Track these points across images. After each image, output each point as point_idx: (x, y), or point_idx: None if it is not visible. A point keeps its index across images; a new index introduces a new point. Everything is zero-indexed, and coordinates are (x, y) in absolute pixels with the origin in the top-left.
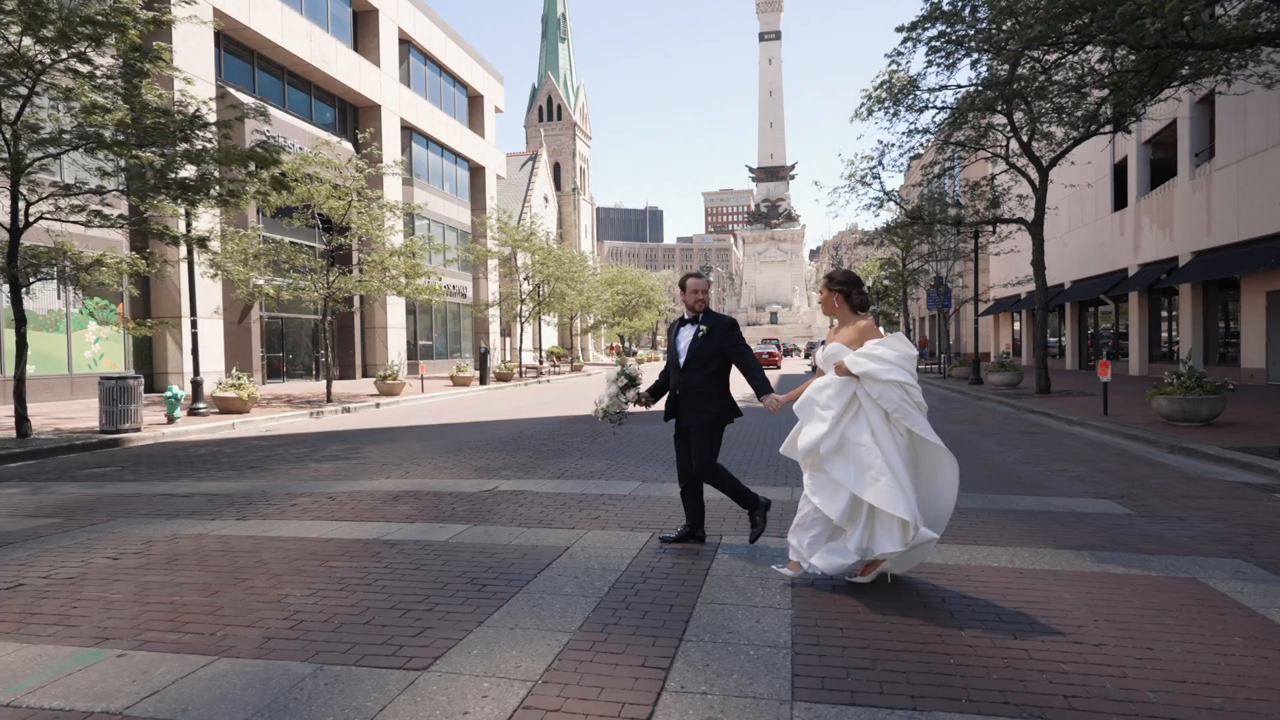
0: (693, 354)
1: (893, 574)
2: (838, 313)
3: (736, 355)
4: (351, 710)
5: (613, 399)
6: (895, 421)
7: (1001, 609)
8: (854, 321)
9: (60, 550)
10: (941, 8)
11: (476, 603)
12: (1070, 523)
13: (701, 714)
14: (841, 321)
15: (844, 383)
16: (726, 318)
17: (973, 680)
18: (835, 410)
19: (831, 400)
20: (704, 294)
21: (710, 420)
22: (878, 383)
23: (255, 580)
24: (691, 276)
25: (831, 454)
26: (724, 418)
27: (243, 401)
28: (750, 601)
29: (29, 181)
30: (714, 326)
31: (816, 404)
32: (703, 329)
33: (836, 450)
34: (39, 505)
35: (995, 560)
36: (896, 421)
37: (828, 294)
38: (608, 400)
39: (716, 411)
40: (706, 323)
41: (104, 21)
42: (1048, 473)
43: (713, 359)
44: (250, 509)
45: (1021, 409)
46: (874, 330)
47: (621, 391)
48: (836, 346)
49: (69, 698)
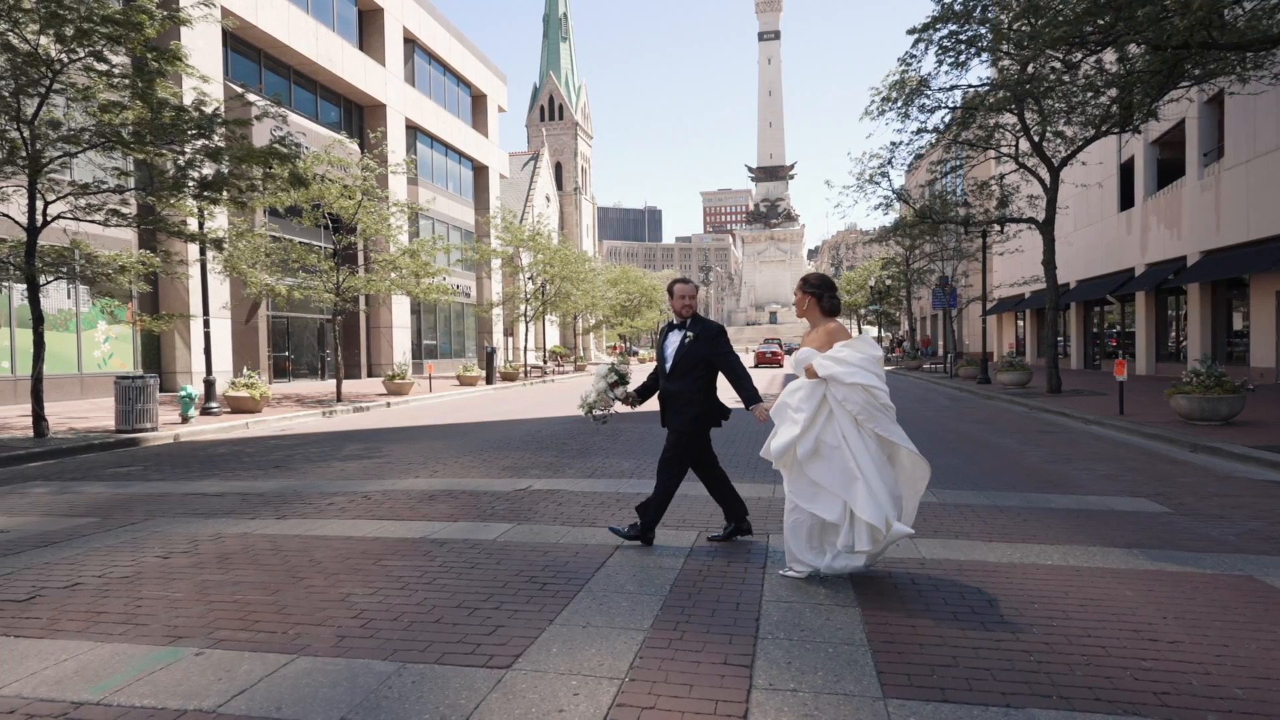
0: (678, 359)
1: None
2: (810, 315)
3: (723, 363)
4: (446, 708)
5: (600, 395)
6: (861, 424)
7: (1067, 606)
8: (823, 324)
9: (106, 549)
10: (954, 8)
11: (541, 601)
12: (1112, 521)
13: (797, 711)
14: (813, 324)
15: (814, 386)
16: (714, 324)
17: (1057, 677)
18: (807, 413)
19: (803, 404)
20: (691, 299)
21: (684, 422)
22: (843, 385)
23: (313, 579)
24: (679, 282)
25: (809, 457)
26: (706, 420)
27: (255, 401)
28: (814, 599)
29: (47, 180)
30: (700, 333)
31: (789, 407)
32: (689, 335)
33: (813, 453)
34: (72, 505)
35: (1048, 559)
36: (862, 424)
37: (801, 296)
38: (595, 396)
39: (693, 415)
40: (694, 329)
41: (123, 20)
42: (1076, 471)
43: (698, 365)
44: (288, 508)
45: (1035, 408)
46: (843, 333)
47: (610, 389)
48: (807, 350)
49: (158, 696)
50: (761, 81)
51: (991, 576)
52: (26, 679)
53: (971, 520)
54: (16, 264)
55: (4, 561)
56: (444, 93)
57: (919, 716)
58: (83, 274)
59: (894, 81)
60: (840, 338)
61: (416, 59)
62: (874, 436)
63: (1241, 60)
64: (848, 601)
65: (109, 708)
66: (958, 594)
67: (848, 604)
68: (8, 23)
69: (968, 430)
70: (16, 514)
